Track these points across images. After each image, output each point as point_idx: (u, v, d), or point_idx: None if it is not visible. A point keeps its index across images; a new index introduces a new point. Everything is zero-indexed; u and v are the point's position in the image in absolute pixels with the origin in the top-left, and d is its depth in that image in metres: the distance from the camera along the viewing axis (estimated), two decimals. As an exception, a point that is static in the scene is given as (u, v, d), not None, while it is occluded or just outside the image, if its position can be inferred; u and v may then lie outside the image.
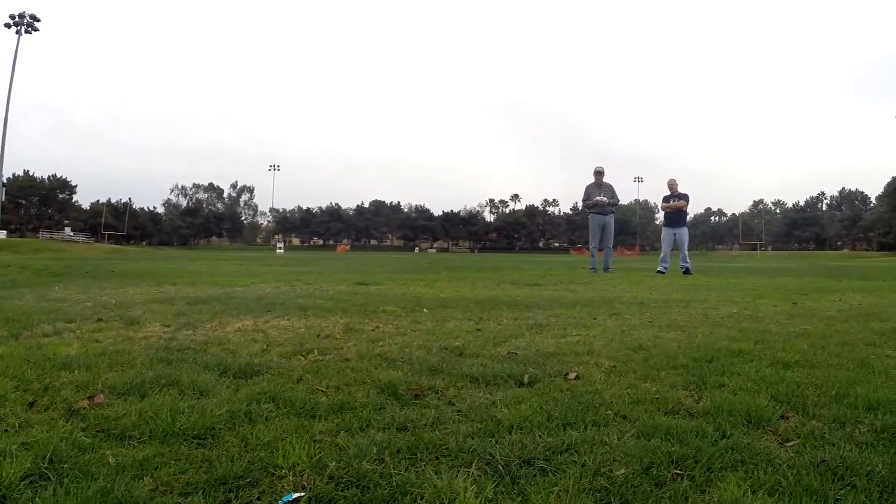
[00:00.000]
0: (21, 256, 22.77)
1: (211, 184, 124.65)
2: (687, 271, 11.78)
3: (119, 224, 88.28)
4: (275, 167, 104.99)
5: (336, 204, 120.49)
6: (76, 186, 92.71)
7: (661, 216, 13.21)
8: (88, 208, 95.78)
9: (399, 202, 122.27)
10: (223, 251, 68.49)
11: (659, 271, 11.74)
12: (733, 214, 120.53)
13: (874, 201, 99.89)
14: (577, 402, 1.93)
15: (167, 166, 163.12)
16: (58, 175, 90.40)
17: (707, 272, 12.83)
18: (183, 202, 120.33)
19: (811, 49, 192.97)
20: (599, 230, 12.33)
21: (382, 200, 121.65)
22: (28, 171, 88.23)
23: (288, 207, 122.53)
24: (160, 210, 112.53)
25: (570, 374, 2.28)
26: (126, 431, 1.69)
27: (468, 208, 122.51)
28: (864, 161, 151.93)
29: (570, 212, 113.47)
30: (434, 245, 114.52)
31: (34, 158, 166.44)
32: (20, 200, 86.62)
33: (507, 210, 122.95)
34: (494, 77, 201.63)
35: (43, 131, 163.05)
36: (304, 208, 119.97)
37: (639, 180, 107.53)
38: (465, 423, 1.78)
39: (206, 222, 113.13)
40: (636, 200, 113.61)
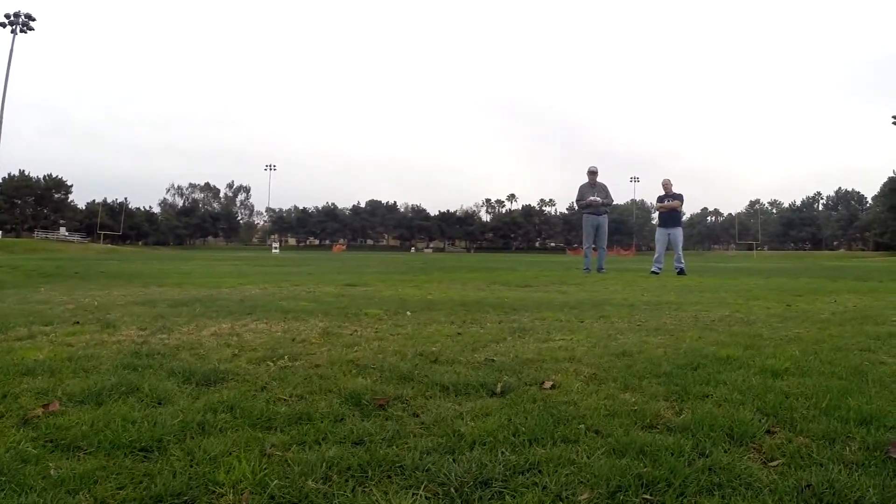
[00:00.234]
0: (14, 256, 22.64)
1: (207, 183, 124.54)
2: (681, 272, 11.70)
3: (115, 224, 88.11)
4: (271, 167, 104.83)
5: (332, 204, 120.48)
6: (72, 186, 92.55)
7: (657, 216, 13.11)
8: (84, 208, 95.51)
9: (395, 202, 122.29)
10: (218, 251, 68.35)
11: (653, 272, 11.68)
12: (730, 214, 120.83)
13: (870, 201, 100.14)
14: (549, 415, 1.81)
15: (166, 166, 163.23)
16: (54, 175, 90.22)
17: (702, 272, 12.74)
18: (179, 202, 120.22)
19: (811, 49, 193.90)
20: (593, 230, 12.25)
21: (379, 200, 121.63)
22: (24, 171, 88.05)
23: (286, 207, 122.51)
24: (156, 210, 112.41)
25: (546, 383, 2.15)
26: (75, 442, 1.61)
27: (464, 208, 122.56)
28: (864, 161, 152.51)
29: (567, 212, 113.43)
30: (430, 245, 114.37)
31: (31, 158, 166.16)
32: (16, 200, 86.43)
33: (504, 210, 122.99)
34: (494, 77, 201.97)
35: (40, 131, 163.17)
36: (301, 208, 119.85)
37: (635, 180, 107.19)
38: (426, 438, 1.67)
39: (203, 222, 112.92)
40: (633, 200, 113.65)
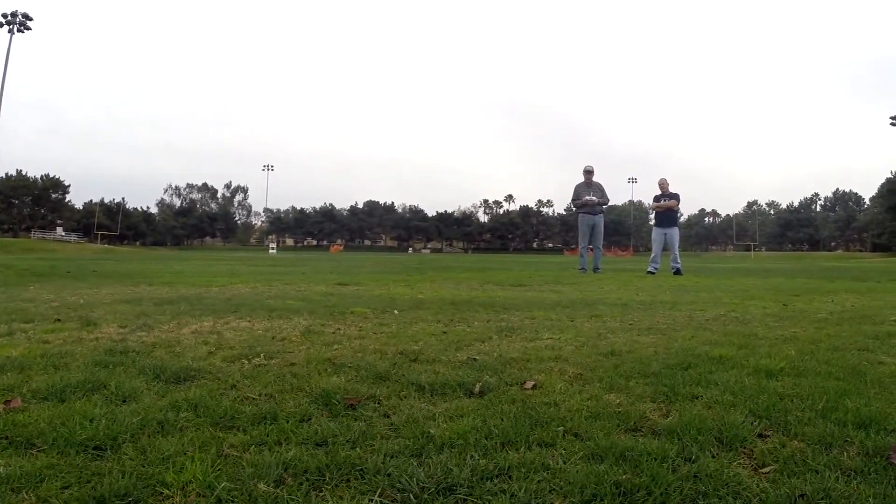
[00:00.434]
0: (10, 256, 22.50)
1: (205, 184, 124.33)
2: (678, 272, 11.61)
3: (112, 224, 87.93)
4: (268, 167, 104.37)
5: (330, 204, 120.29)
6: (69, 186, 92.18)
7: (653, 216, 13.03)
8: (81, 208, 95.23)
9: (393, 202, 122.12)
10: (215, 252, 68.16)
11: (649, 272, 11.58)
12: (727, 215, 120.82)
13: (868, 202, 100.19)
14: (527, 417, 1.70)
15: (163, 166, 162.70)
16: (51, 175, 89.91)
17: (698, 273, 12.65)
18: (177, 202, 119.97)
19: (811, 49, 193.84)
20: (589, 230, 12.15)
21: (377, 201, 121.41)
22: (21, 171, 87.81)
23: (284, 208, 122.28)
24: (154, 210, 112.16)
25: (528, 384, 2.05)
26: (31, 439, 1.57)
27: (462, 209, 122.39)
28: (863, 162, 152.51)
29: (565, 212, 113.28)
30: (428, 246, 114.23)
31: (28, 158, 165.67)
32: (13, 200, 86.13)
33: (501, 210, 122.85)
34: (494, 77, 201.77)
35: (37, 131, 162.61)
36: (298, 208, 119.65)
37: (633, 181, 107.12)
38: (394, 440, 1.57)
39: (200, 222, 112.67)
40: (630, 201, 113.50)
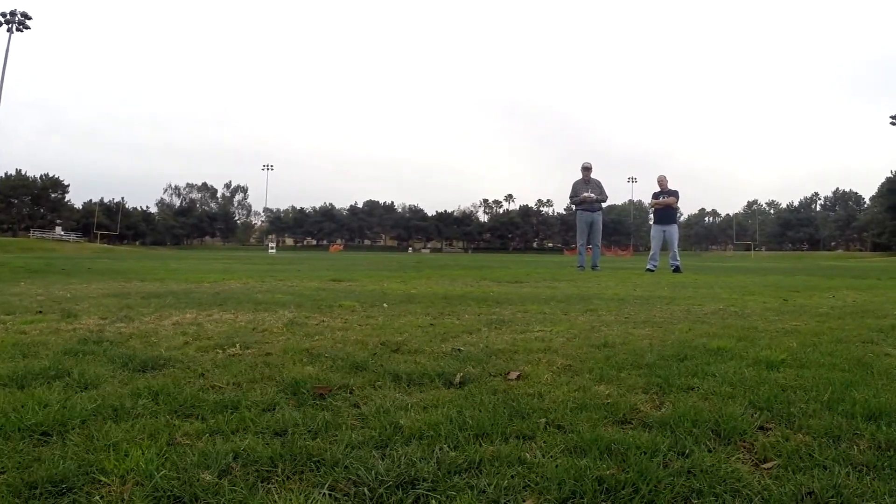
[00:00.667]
0: (8, 255, 22.39)
1: (205, 183, 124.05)
2: (677, 269, 11.48)
3: (112, 224, 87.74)
4: (268, 167, 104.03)
5: (330, 204, 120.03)
6: (68, 186, 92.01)
7: (652, 213, 12.91)
8: (81, 208, 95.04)
9: (393, 202, 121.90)
10: (214, 251, 68.01)
11: (648, 269, 11.47)
12: (727, 215, 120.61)
13: (868, 202, 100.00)
14: (507, 408, 1.57)
15: (163, 166, 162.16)
16: (51, 174, 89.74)
17: (698, 271, 12.52)
18: (176, 202, 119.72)
19: (811, 49, 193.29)
20: (587, 227, 12.03)
21: (376, 200, 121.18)
22: (21, 171, 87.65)
23: (283, 207, 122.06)
24: (153, 210, 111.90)
25: (512, 374, 1.92)
26: None
27: (462, 208, 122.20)
28: (863, 162, 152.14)
29: (564, 212, 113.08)
30: (428, 245, 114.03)
31: (28, 157, 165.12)
32: (12, 200, 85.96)
33: (501, 210, 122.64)
34: (494, 77, 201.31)
35: (37, 130, 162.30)
36: (298, 208, 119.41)
37: (633, 181, 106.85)
38: (359, 430, 1.46)
39: (200, 222, 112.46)
40: (630, 201, 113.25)
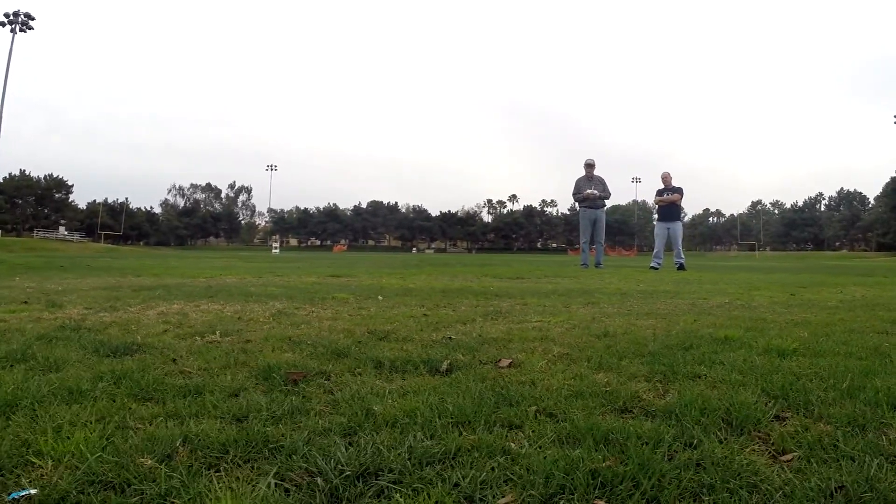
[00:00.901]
0: (12, 255, 22.32)
1: (208, 184, 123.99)
2: (681, 267, 11.36)
3: (116, 224, 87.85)
4: (272, 167, 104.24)
5: (334, 204, 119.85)
6: (72, 186, 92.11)
7: (656, 211, 12.76)
8: (85, 208, 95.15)
9: (396, 202, 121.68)
10: (218, 251, 67.99)
11: (652, 267, 11.34)
12: (731, 215, 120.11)
13: (872, 202, 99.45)
14: (494, 395, 1.44)
15: (167, 166, 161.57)
16: (55, 174, 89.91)
17: (702, 269, 12.37)
18: (180, 202, 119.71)
19: (811, 49, 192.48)
20: (590, 224, 11.87)
21: (380, 201, 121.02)
22: (25, 171, 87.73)
23: (287, 207, 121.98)
24: (157, 210, 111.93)
25: (504, 362, 1.79)
26: None
27: (466, 209, 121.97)
28: (865, 161, 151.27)
29: (568, 212, 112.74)
30: (431, 245, 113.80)
31: (31, 158, 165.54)
32: (16, 200, 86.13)
33: (505, 210, 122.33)
34: (494, 77, 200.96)
35: (40, 130, 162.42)
36: (302, 208, 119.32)
37: (637, 181, 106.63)
38: (328, 417, 1.34)
39: (203, 222, 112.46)
40: (634, 201, 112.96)
